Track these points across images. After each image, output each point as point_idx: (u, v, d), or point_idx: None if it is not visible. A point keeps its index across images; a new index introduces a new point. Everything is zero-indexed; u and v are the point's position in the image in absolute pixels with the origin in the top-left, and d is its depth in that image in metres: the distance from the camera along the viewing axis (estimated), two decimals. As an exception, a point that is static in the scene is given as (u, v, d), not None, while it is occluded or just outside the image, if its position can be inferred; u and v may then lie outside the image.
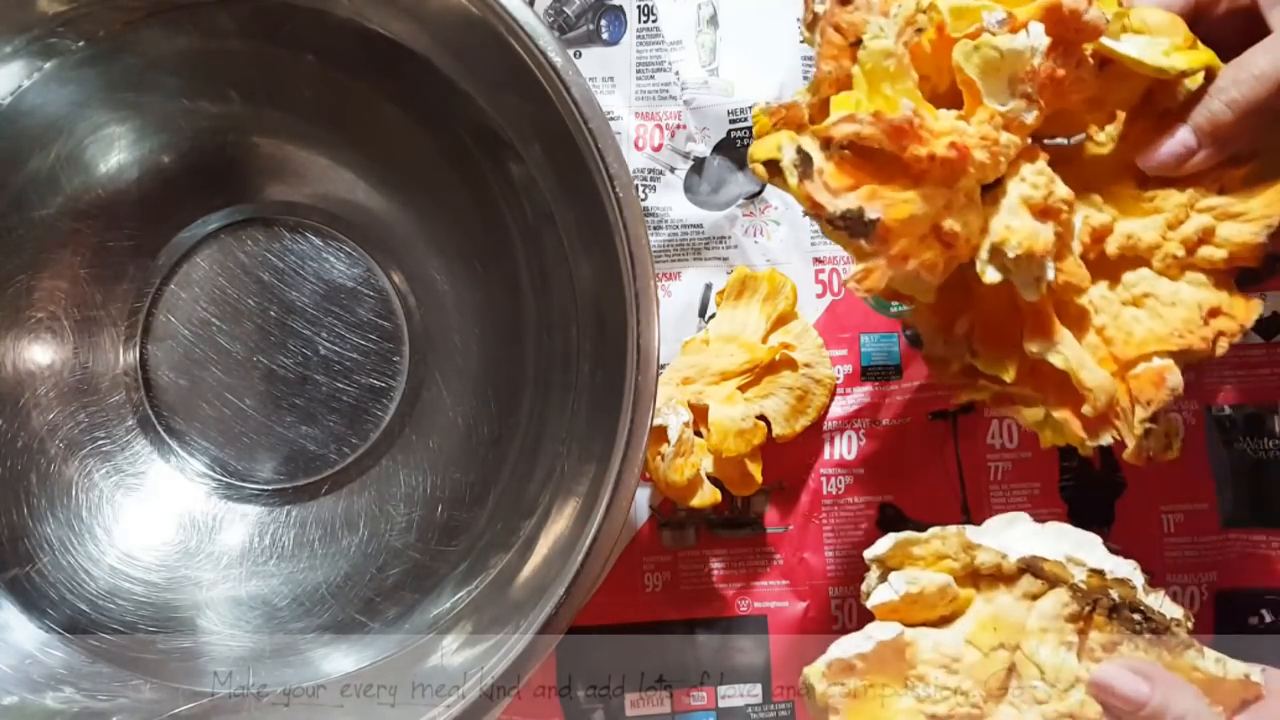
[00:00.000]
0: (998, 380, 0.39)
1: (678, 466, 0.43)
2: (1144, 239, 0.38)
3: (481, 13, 0.37)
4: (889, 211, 0.34)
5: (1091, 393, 0.37)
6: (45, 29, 0.43)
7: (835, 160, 0.34)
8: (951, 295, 0.39)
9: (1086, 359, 0.37)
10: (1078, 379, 0.37)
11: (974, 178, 0.35)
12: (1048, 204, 0.36)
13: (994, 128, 0.35)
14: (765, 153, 0.36)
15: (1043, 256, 0.35)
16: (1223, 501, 0.48)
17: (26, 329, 0.46)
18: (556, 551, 0.40)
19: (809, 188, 0.35)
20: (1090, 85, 0.37)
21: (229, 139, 0.47)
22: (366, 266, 0.48)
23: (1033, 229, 0.36)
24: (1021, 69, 0.35)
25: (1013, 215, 0.36)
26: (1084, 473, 0.49)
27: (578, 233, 0.42)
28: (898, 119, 0.34)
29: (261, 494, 0.47)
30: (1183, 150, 0.37)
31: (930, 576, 0.40)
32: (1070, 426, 0.38)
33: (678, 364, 0.47)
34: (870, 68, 0.35)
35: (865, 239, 0.34)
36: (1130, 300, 0.38)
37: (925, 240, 0.35)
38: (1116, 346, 0.38)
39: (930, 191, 0.34)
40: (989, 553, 0.40)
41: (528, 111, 0.40)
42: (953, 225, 0.35)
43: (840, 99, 0.35)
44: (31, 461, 0.45)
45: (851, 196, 0.34)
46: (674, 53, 0.50)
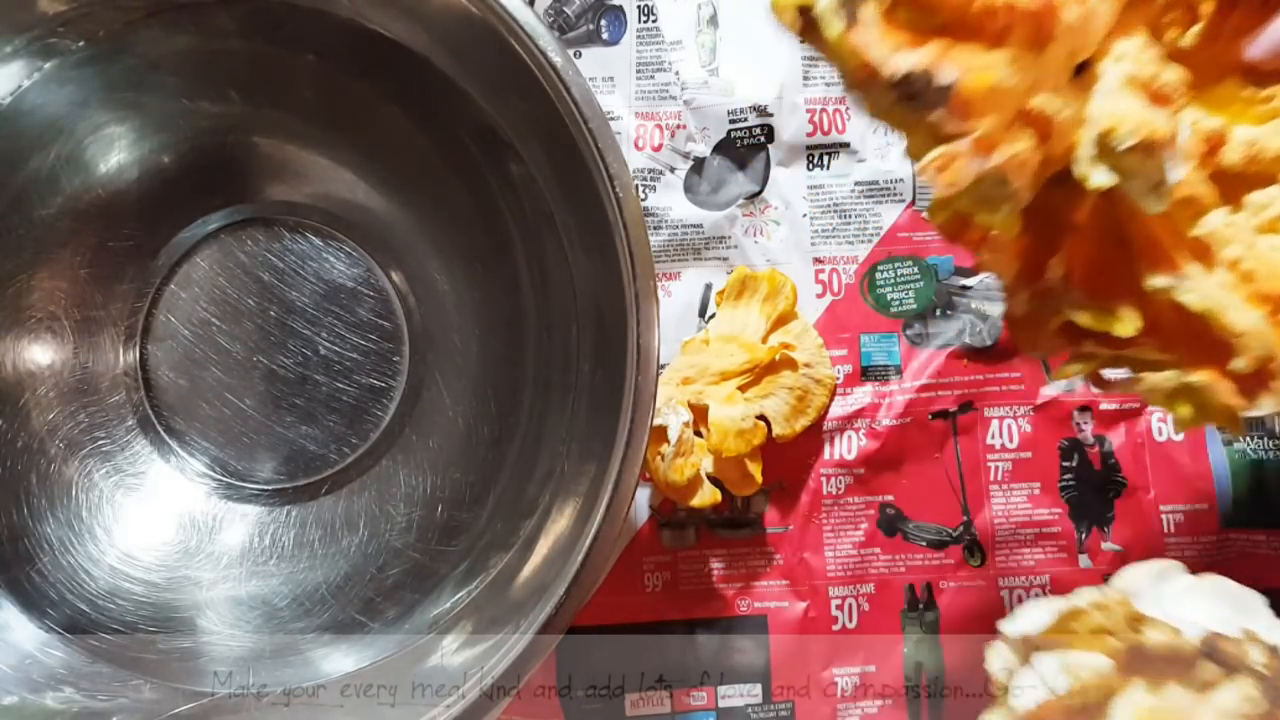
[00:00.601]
0: (1110, 341, 0.30)
1: (678, 466, 0.43)
2: (1271, 145, 0.29)
3: (481, 13, 0.37)
4: (968, 76, 0.26)
5: (1244, 339, 0.28)
6: (45, 29, 0.43)
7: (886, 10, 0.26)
8: (1038, 229, 0.31)
9: (1229, 296, 0.29)
10: (1221, 321, 0.28)
11: (1065, 45, 0.27)
12: (1158, 86, 0.28)
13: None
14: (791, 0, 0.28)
15: (1164, 148, 0.27)
16: (1223, 501, 0.48)
17: (26, 329, 0.46)
18: (556, 551, 0.40)
19: (860, 37, 0.26)
20: None
21: (229, 139, 0.47)
22: (366, 266, 0.48)
23: (1146, 113, 0.27)
24: None
25: (1118, 98, 0.28)
26: (1084, 473, 0.49)
27: (578, 233, 0.42)
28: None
29: (261, 494, 0.47)
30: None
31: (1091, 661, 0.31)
32: (1216, 392, 0.29)
33: (678, 364, 0.47)
34: None
35: (941, 108, 0.26)
36: (1265, 226, 0.30)
37: (1013, 126, 0.27)
38: (1260, 281, 0.29)
39: (1016, 56, 0.26)
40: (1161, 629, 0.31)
41: (528, 111, 0.40)
42: (1046, 104, 0.27)
43: None
44: (31, 461, 0.45)
45: (919, 53, 0.26)
46: (674, 53, 0.50)
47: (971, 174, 0.27)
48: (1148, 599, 0.33)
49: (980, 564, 0.48)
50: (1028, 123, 0.27)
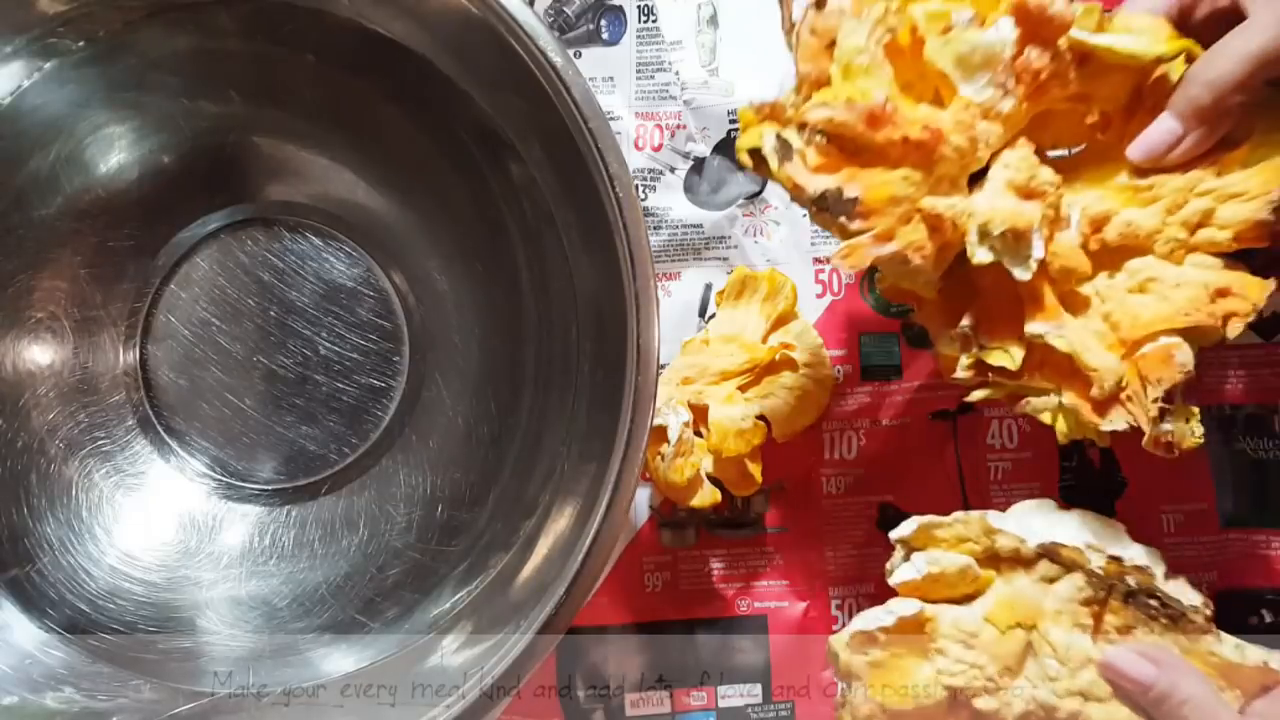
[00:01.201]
0: (1007, 373, 0.39)
1: (678, 466, 0.43)
2: (1144, 225, 0.38)
3: (481, 13, 0.37)
4: (868, 191, 0.36)
5: (1097, 372, 0.37)
6: (45, 29, 0.43)
7: (816, 147, 0.36)
8: (955, 292, 0.40)
9: (1090, 340, 0.38)
10: (1081, 360, 0.38)
11: (954, 162, 0.37)
12: (1031, 186, 0.37)
13: (970, 116, 0.37)
14: (749, 142, 0.38)
15: (1028, 233, 0.37)
16: (1223, 501, 0.48)
17: (26, 329, 0.46)
18: (556, 551, 0.40)
19: (789, 170, 0.37)
20: (1071, 81, 0.38)
21: (229, 139, 0.47)
22: (366, 266, 0.48)
23: (1016, 208, 0.37)
24: (994, 61, 0.37)
25: (997, 196, 0.37)
26: (1084, 473, 0.49)
27: (578, 233, 0.42)
28: (870, 104, 0.36)
29: (261, 494, 0.47)
30: (1168, 137, 0.37)
31: (951, 557, 0.41)
32: (1082, 412, 0.38)
33: (678, 364, 0.47)
34: (845, 64, 0.37)
35: (846, 216, 0.36)
36: (1135, 287, 0.39)
37: (909, 221, 0.37)
38: (1124, 330, 0.38)
39: (909, 174, 0.37)
40: (1009, 537, 0.41)
41: (528, 111, 0.40)
42: (934, 205, 0.37)
43: (819, 94, 0.37)
44: (31, 461, 0.45)
45: (831, 177, 0.36)
46: (674, 53, 0.50)
47: (870, 259, 0.37)
48: (1008, 520, 0.42)
49: (980, 564, 0.48)
50: (922, 219, 0.37)
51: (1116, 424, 0.38)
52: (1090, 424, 0.39)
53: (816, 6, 0.38)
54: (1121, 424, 0.38)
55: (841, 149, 0.37)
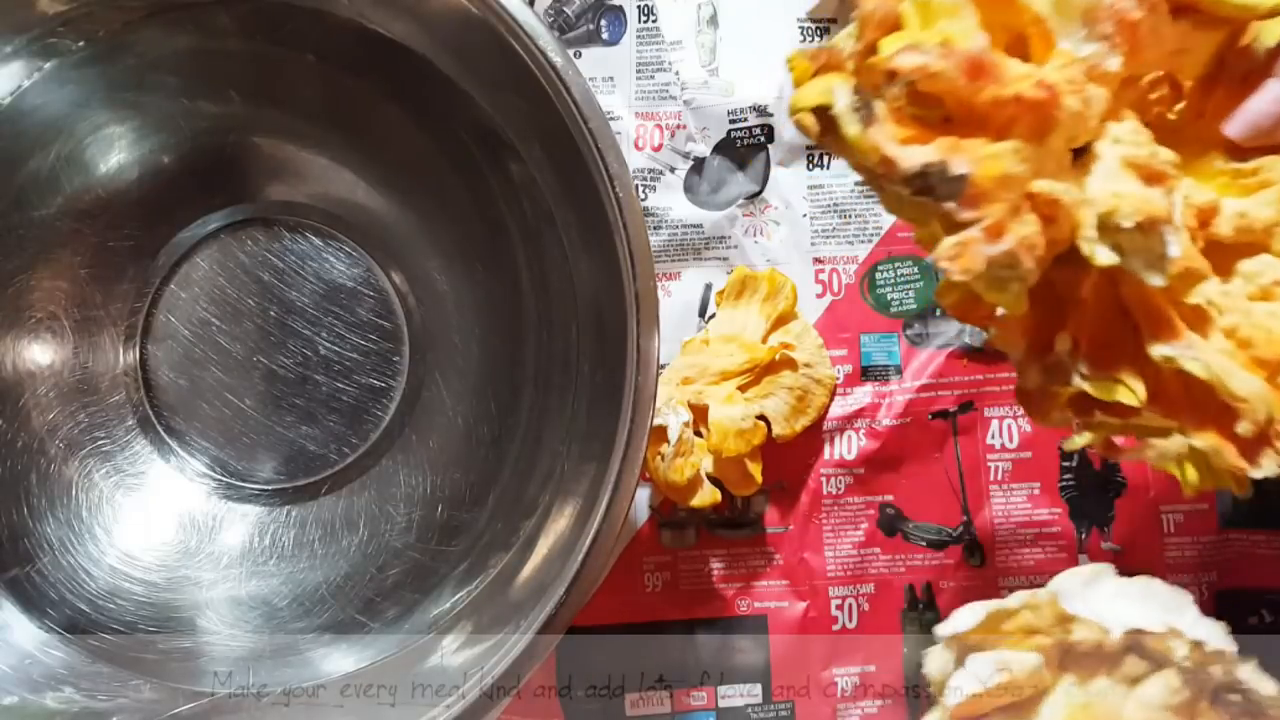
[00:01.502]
0: (1120, 410, 0.31)
1: (678, 466, 0.43)
2: (1259, 217, 0.30)
3: (481, 13, 0.37)
4: (980, 167, 0.27)
5: (1247, 404, 0.29)
6: (45, 29, 0.43)
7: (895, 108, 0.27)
8: (1044, 305, 0.31)
9: (1230, 363, 0.29)
10: (1225, 387, 0.29)
11: (1064, 133, 0.28)
12: (1154, 166, 0.29)
13: (1075, 75, 0.29)
14: (813, 98, 0.29)
15: (1162, 226, 0.28)
16: (1223, 501, 0.48)
17: (26, 329, 0.46)
18: (556, 551, 0.40)
19: (872, 136, 0.27)
20: (1167, 37, 0.30)
21: (229, 139, 0.47)
22: (366, 266, 0.48)
23: (1144, 194, 0.28)
24: (1098, 7, 0.28)
25: (1116, 180, 0.29)
26: (1084, 472, 0.49)
27: (578, 233, 0.42)
28: (972, 50, 0.27)
29: (261, 494, 0.47)
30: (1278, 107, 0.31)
31: (1022, 658, 0.33)
32: (1223, 455, 0.30)
33: (678, 364, 0.47)
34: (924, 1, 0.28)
35: (955, 200, 0.27)
36: (1258, 293, 0.31)
37: (1020, 211, 0.28)
38: (1258, 348, 0.30)
39: (1020, 147, 0.28)
40: (1088, 627, 0.34)
41: (528, 111, 0.40)
42: (1050, 188, 0.28)
43: (892, 38, 0.28)
44: (31, 461, 0.45)
45: (930, 148, 0.27)
46: (674, 53, 0.50)
47: (984, 259, 0.27)
48: (1077, 600, 0.34)
49: (980, 564, 0.48)
50: (1033, 207, 0.28)
51: (1269, 469, 0.30)
52: (1232, 469, 0.30)
53: None
54: (1275, 468, 0.30)
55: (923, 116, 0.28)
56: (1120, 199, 0.28)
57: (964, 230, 0.27)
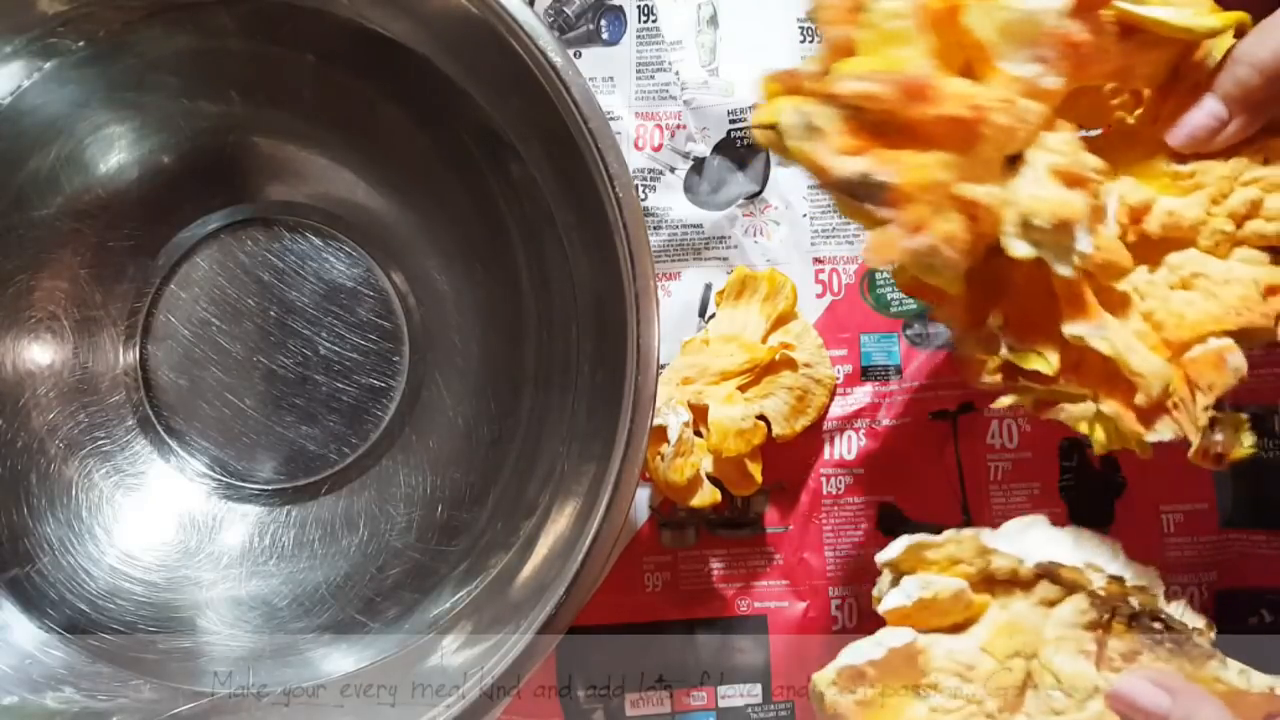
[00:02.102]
0: (1039, 377, 0.36)
1: (677, 466, 0.43)
2: (1187, 216, 0.35)
3: (481, 13, 0.37)
4: (903, 175, 0.32)
5: (1143, 378, 0.34)
6: (45, 29, 0.43)
7: (841, 124, 0.32)
8: (982, 288, 0.37)
9: (1135, 342, 0.35)
10: (1125, 364, 0.34)
11: (994, 144, 0.33)
12: (1076, 172, 0.34)
13: (1011, 93, 0.33)
14: (767, 117, 0.34)
15: (1075, 225, 0.33)
16: (1223, 501, 0.48)
17: (26, 329, 0.46)
18: (556, 551, 0.40)
19: (810, 149, 0.33)
20: (1113, 55, 0.34)
21: (229, 139, 0.47)
22: (366, 266, 0.48)
23: (1062, 196, 0.33)
24: (1040, 31, 0.33)
25: (1039, 184, 0.33)
26: (1084, 473, 0.49)
27: (578, 233, 0.42)
28: (909, 76, 0.32)
29: (261, 494, 0.47)
30: (1213, 121, 0.34)
31: (944, 581, 0.38)
32: (1123, 421, 0.35)
33: (677, 364, 0.47)
34: (877, 30, 0.33)
35: (876, 204, 0.32)
36: (1178, 283, 0.35)
37: (943, 210, 0.33)
38: (1168, 330, 0.35)
39: (946, 157, 0.33)
40: (1005, 558, 0.38)
41: (528, 111, 0.40)
42: (972, 191, 0.33)
43: (845, 64, 0.33)
44: (31, 461, 0.45)
45: (861, 159, 0.32)
46: (674, 53, 0.50)
47: (902, 251, 0.33)
48: (1002, 541, 0.39)
49: (980, 564, 0.48)
50: (958, 207, 0.33)
51: (1163, 434, 0.35)
52: (1133, 434, 0.35)
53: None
54: (1168, 434, 0.35)
55: (869, 127, 0.33)
56: (1039, 202, 0.33)
57: (884, 229, 0.32)
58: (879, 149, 0.33)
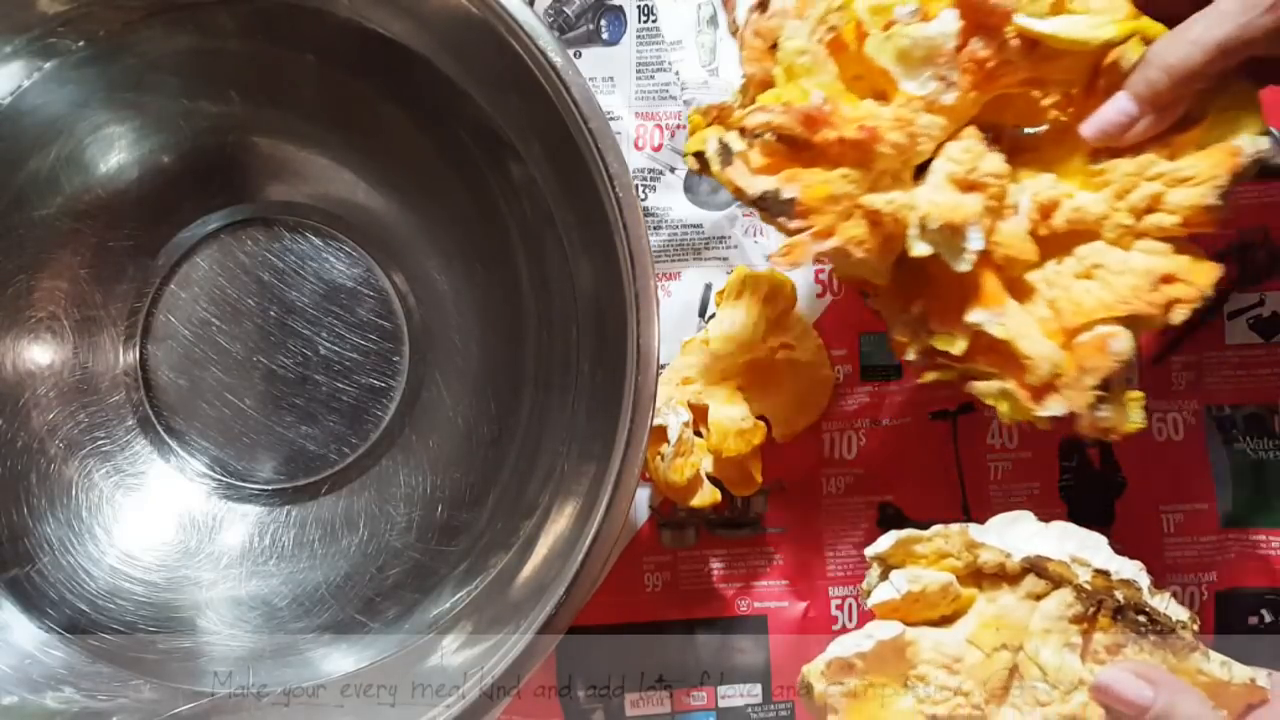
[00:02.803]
0: (952, 357, 0.40)
1: (677, 467, 0.43)
2: (1092, 210, 0.38)
3: (481, 13, 0.37)
4: (806, 191, 0.37)
5: (1031, 360, 0.38)
6: (45, 29, 0.43)
7: (760, 148, 0.38)
8: (908, 279, 0.40)
9: (1029, 328, 0.38)
10: (1016, 348, 0.38)
11: (894, 158, 0.37)
12: (971, 178, 0.37)
13: (911, 111, 0.37)
14: (694, 146, 0.39)
15: (964, 228, 0.37)
16: (1223, 501, 0.48)
17: (26, 329, 0.46)
18: (556, 551, 0.40)
19: (729, 173, 0.38)
20: (1022, 66, 0.37)
21: (229, 139, 0.47)
22: (366, 266, 0.48)
23: (955, 202, 0.37)
24: (936, 55, 0.36)
25: (936, 190, 0.37)
26: (1084, 472, 0.49)
27: (578, 233, 0.42)
28: (805, 106, 0.37)
29: (261, 494, 0.47)
30: (1122, 118, 0.36)
31: (932, 575, 0.39)
32: (1019, 398, 0.39)
33: (677, 364, 0.47)
34: (788, 65, 0.38)
35: (785, 216, 0.37)
36: (1082, 273, 0.38)
37: (850, 217, 0.38)
38: (1065, 317, 0.38)
39: (848, 172, 0.37)
40: (992, 552, 0.39)
41: (528, 111, 0.40)
42: (872, 200, 0.37)
43: (762, 96, 0.38)
44: (31, 461, 0.45)
45: (769, 179, 0.37)
46: (674, 53, 0.50)
47: (810, 256, 0.38)
48: (990, 535, 0.40)
49: (980, 564, 0.48)
50: (863, 215, 0.37)
51: (1053, 410, 0.38)
52: (1027, 409, 0.39)
53: (759, 8, 0.40)
54: (1059, 410, 0.38)
55: (785, 149, 0.37)
56: (934, 206, 0.37)
57: (794, 235, 0.38)
58: (788, 168, 0.38)
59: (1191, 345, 0.49)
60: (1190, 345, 0.49)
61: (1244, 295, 0.48)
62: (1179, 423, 0.48)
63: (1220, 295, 0.48)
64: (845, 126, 0.37)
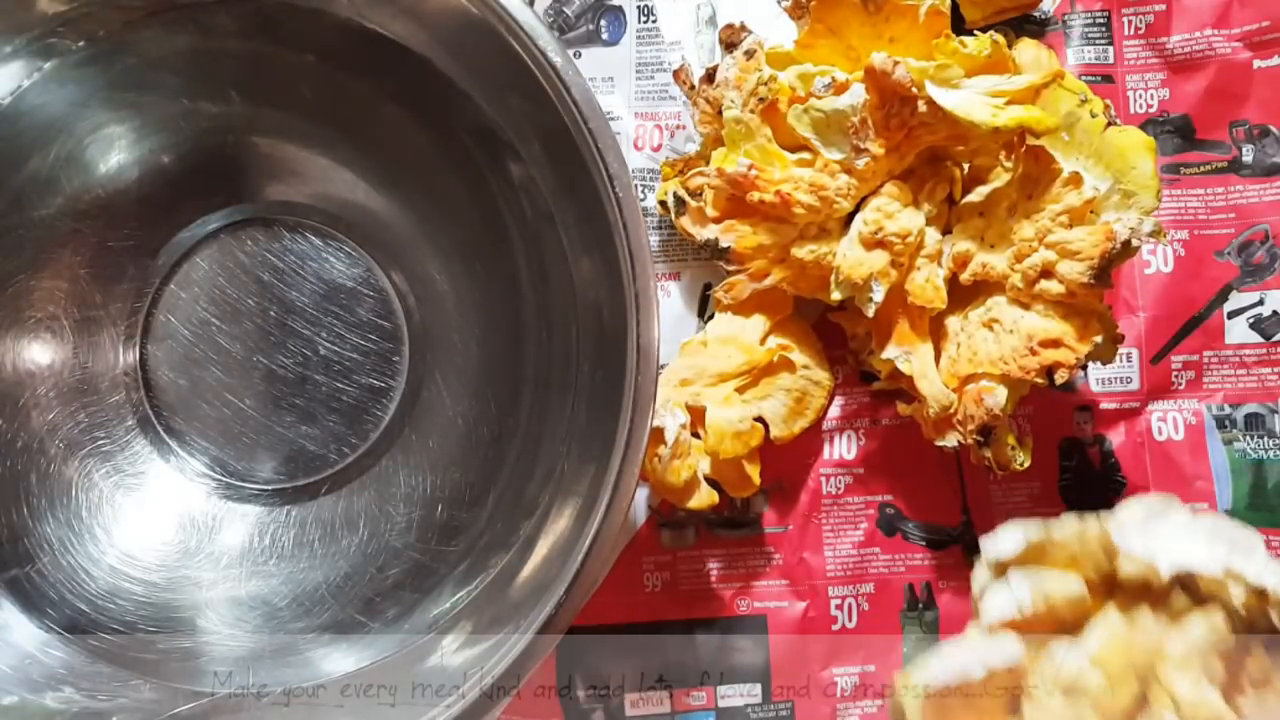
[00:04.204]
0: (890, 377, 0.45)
1: (674, 468, 0.43)
2: (996, 268, 0.42)
3: (481, 13, 0.37)
4: (739, 240, 0.44)
5: (926, 399, 0.42)
6: (45, 29, 0.43)
7: (710, 200, 0.44)
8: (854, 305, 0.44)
9: (930, 369, 0.43)
10: (915, 386, 0.43)
11: (810, 217, 0.43)
12: (878, 238, 0.42)
13: (829, 174, 0.42)
14: (660, 195, 0.47)
15: (867, 282, 0.42)
16: (1222, 501, 0.48)
17: (26, 329, 0.46)
18: (556, 551, 0.40)
19: (682, 222, 0.45)
20: (939, 127, 0.40)
21: (229, 139, 0.47)
22: (366, 266, 0.48)
23: (858, 258, 0.42)
24: (846, 123, 0.41)
25: (849, 245, 0.43)
26: (1084, 472, 0.49)
27: (578, 233, 0.42)
28: (734, 172, 0.42)
29: (261, 494, 0.47)
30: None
31: (1062, 582, 0.34)
32: (925, 427, 0.44)
33: (676, 365, 0.47)
34: (729, 131, 0.43)
35: (724, 261, 0.44)
36: (986, 323, 0.43)
37: (781, 262, 0.44)
38: (960, 364, 0.42)
39: (775, 226, 0.43)
40: (1136, 563, 0.34)
41: (528, 111, 0.40)
42: (797, 251, 0.44)
43: (716, 154, 0.44)
44: (31, 461, 0.45)
45: (714, 228, 0.44)
46: (674, 53, 0.50)
47: (747, 293, 0.45)
48: (1132, 535, 0.35)
49: (980, 564, 0.48)
50: (790, 262, 0.44)
51: (948, 442, 0.43)
52: (931, 436, 0.44)
53: (707, 80, 0.45)
54: (952, 443, 0.43)
55: (734, 202, 0.43)
56: (843, 261, 0.43)
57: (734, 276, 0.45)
58: (730, 220, 0.44)
59: (1191, 344, 0.49)
60: (1190, 344, 0.49)
61: (1244, 295, 0.49)
62: (1179, 422, 0.49)
63: (1220, 295, 0.48)
64: (766, 190, 0.42)
